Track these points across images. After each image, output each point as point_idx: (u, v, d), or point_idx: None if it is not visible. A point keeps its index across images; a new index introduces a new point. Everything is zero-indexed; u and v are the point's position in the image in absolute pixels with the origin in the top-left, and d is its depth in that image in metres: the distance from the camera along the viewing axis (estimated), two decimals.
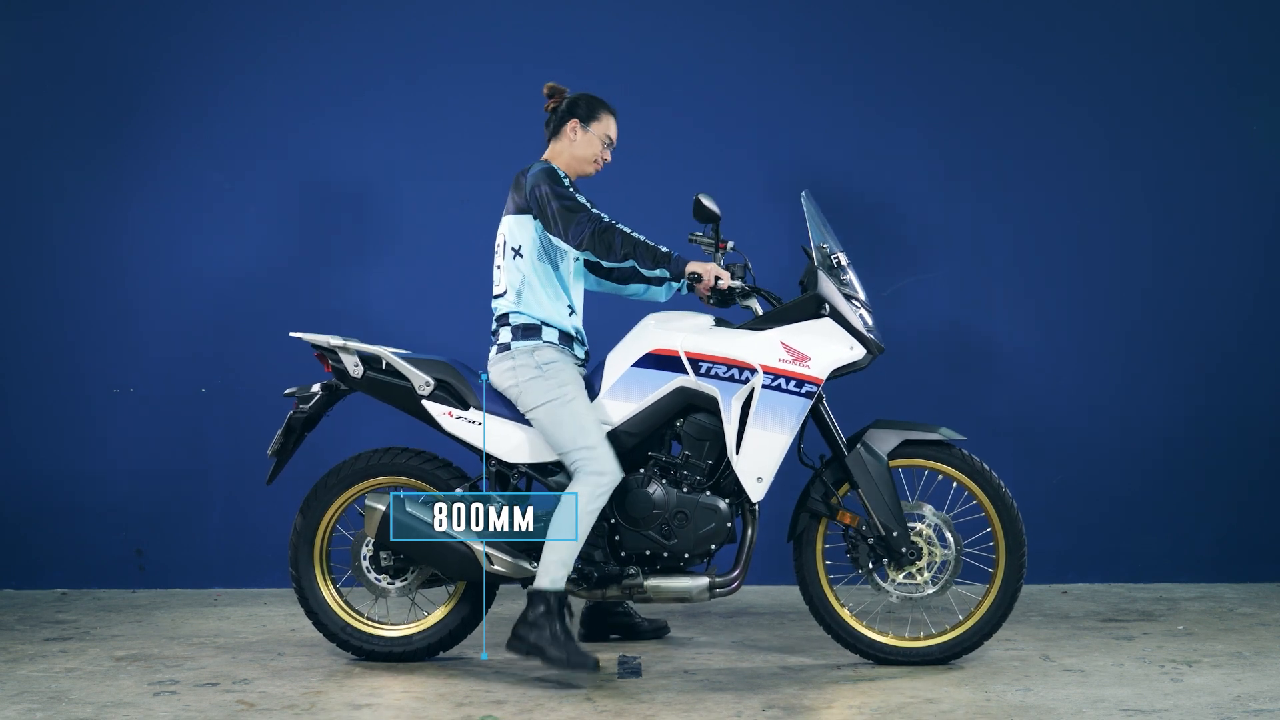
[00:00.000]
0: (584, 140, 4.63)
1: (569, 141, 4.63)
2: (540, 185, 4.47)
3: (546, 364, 4.47)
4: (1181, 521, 6.01)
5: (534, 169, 4.54)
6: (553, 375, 4.46)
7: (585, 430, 4.41)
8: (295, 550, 4.63)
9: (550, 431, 4.46)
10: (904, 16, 6.06)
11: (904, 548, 4.52)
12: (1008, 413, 5.99)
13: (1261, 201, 6.05)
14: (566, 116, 4.63)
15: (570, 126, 4.63)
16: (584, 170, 4.67)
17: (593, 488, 4.36)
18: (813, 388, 4.44)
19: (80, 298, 5.99)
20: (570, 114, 4.63)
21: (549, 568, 4.36)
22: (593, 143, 4.64)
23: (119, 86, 6.00)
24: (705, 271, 4.43)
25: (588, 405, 4.46)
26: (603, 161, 4.69)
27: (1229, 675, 4.40)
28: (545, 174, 4.50)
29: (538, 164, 4.57)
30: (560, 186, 4.47)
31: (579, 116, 4.63)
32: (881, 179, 6.03)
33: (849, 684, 4.36)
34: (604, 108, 4.67)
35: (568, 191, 4.47)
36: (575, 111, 4.64)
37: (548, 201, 4.44)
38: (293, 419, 4.64)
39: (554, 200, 4.44)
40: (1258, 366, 6.02)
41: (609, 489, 4.39)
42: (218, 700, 4.17)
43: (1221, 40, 6.05)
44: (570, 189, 4.50)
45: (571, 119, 4.63)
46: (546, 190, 4.45)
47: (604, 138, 4.65)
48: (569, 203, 4.43)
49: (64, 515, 5.96)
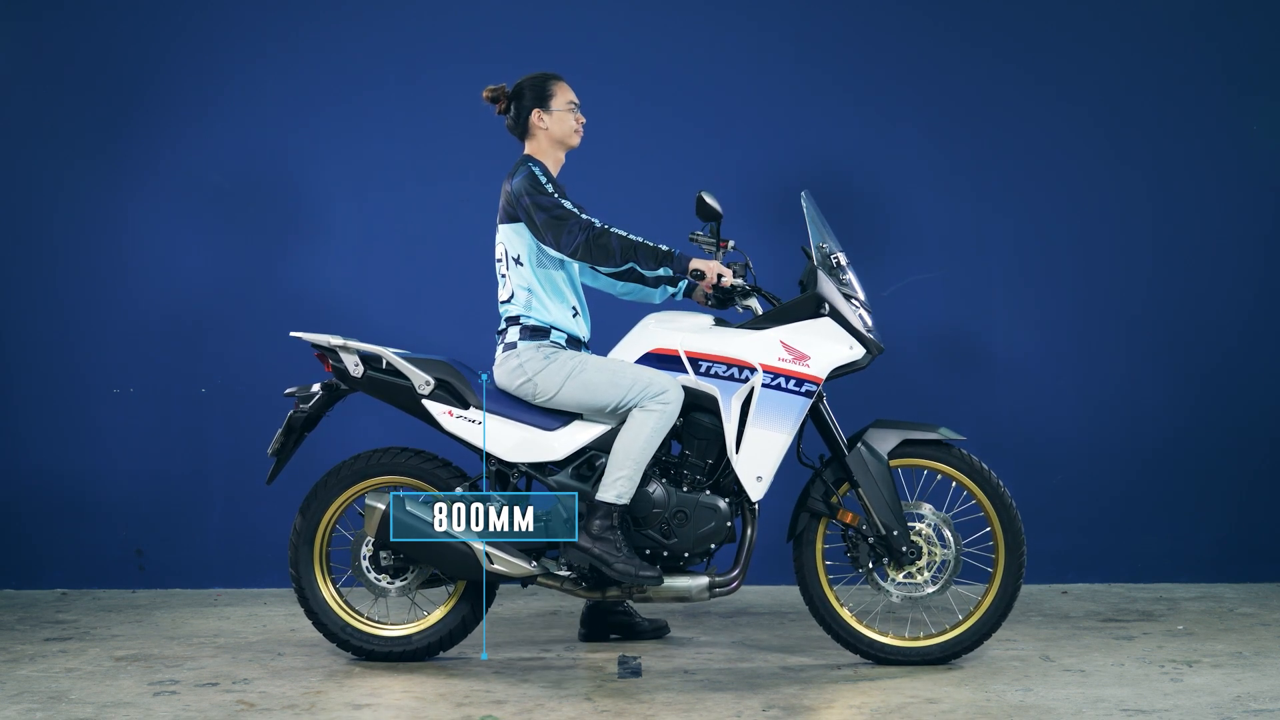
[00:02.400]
0: (554, 120, 4.59)
1: (542, 130, 4.59)
2: (524, 197, 4.45)
3: (552, 352, 4.49)
4: (1181, 521, 6.01)
5: (516, 177, 4.50)
6: (559, 358, 4.47)
7: (620, 374, 4.43)
8: (295, 550, 4.63)
9: (588, 399, 4.46)
10: (904, 16, 6.05)
11: (904, 547, 4.53)
12: (1008, 413, 5.99)
13: (1261, 201, 6.05)
14: (525, 110, 4.59)
15: (535, 118, 4.58)
16: (570, 144, 4.63)
17: (660, 411, 4.39)
18: (812, 387, 4.44)
19: (80, 298, 5.99)
20: (528, 107, 4.58)
21: (615, 482, 4.38)
22: (563, 119, 4.59)
23: (119, 86, 6.00)
24: (708, 269, 4.43)
25: (605, 359, 4.50)
26: (581, 125, 4.63)
27: (1229, 675, 4.40)
28: (528, 182, 4.46)
29: (520, 168, 4.52)
30: (544, 195, 4.43)
31: (536, 105, 4.58)
32: (881, 179, 6.03)
33: (849, 684, 4.36)
34: (549, 81, 4.61)
35: (553, 199, 4.43)
36: (527, 101, 4.58)
37: (534, 213, 4.42)
38: (293, 418, 4.64)
39: (539, 211, 4.42)
40: (1258, 366, 6.02)
41: (675, 410, 4.41)
42: (218, 700, 4.17)
43: (1221, 40, 6.05)
44: (554, 194, 4.44)
45: (532, 110, 4.58)
46: (529, 201, 4.43)
47: (568, 106, 4.60)
48: (557, 211, 4.41)
49: (64, 515, 5.96)
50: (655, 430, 4.39)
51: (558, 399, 4.48)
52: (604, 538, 4.38)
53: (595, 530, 4.38)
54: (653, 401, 4.40)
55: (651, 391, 4.41)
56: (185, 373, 5.97)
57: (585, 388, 4.45)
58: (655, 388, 4.41)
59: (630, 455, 4.38)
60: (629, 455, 4.38)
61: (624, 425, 4.42)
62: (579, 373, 4.45)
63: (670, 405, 4.41)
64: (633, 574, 4.36)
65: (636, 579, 4.36)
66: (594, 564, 4.38)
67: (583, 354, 4.53)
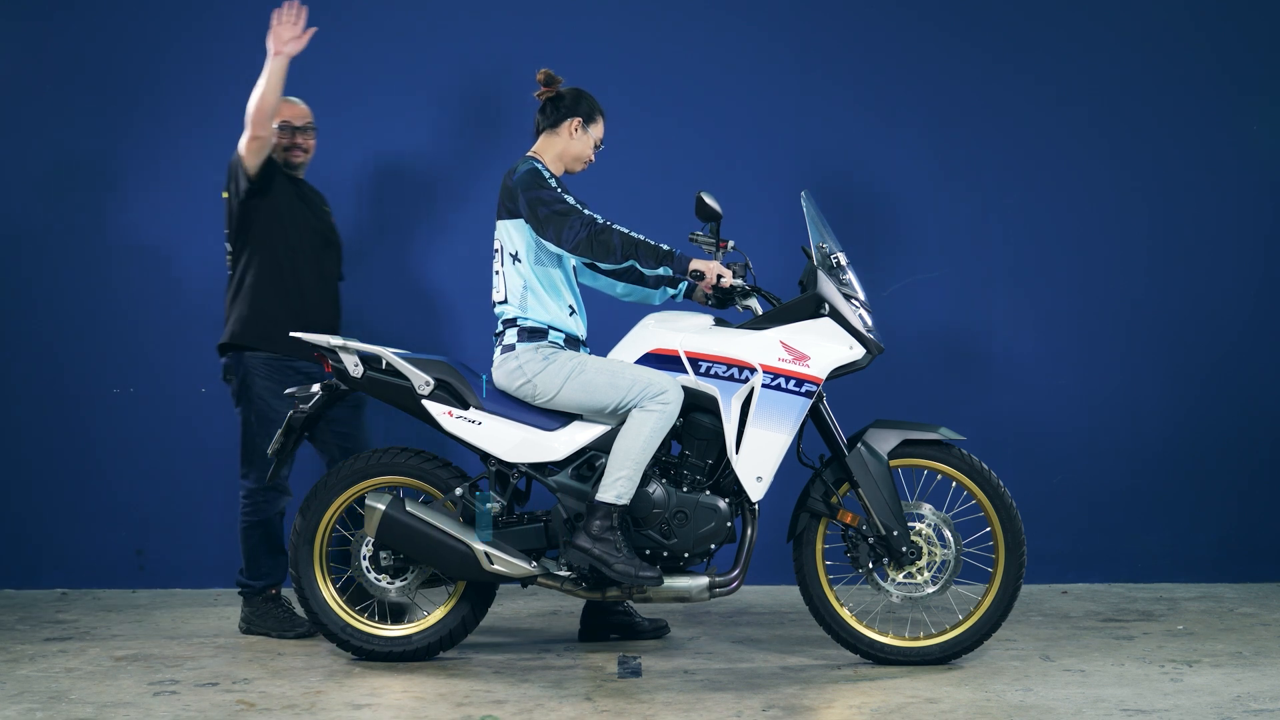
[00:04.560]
0: (581, 140, 4.63)
1: (566, 138, 4.62)
2: (528, 190, 4.46)
3: (551, 353, 4.48)
4: (1181, 521, 6.01)
5: (519, 171, 4.51)
6: (558, 359, 4.47)
7: (619, 375, 4.43)
8: (295, 550, 4.63)
9: (588, 400, 4.45)
10: (903, 18, 6.05)
11: (904, 547, 4.53)
12: (1007, 413, 5.99)
13: (1261, 201, 6.05)
14: (568, 113, 4.62)
15: (572, 125, 4.62)
16: (573, 168, 4.67)
17: (659, 411, 4.39)
18: (812, 387, 4.44)
19: (80, 298, 5.99)
20: (573, 112, 4.62)
21: (615, 482, 4.37)
22: (588, 144, 4.65)
23: (119, 87, 6.00)
24: (708, 269, 4.43)
25: (604, 359, 4.49)
26: (589, 163, 4.69)
27: (1229, 675, 4.40)
28: (531, 177, 4.47)
29: (522, 164, 4.54)
30: (547, 190, 4.45)
31: (581, 116, 4.63)
32: (881, 179, 6.03)
33: (849, 684, 4.36)
34: (600, 111, 4.67)
35: (556, 194, 4.45)
36: (578, 110, 4.63)
37: (536, 206, 4.43)
38: (293, 419, 4.64)
39: (542, 205, 4.42)
40: (1257, 366, 6.02)
41: (675, 410, 4.41)
42: (218, 700, 4.17)
43: (1221, 40, 6.05)
44: (558, 190, 4.47)
45: (574, 117, 4.62)
46: (532, 195, 4.44)
47: (597, 140, 4.67)
48: (559, 206, 4.42)
49: (64, 515, 5.96)
50: (655, 430, 4.39)
51: (557, 400, 4.48)
52: (604, 538, 4.37)
53: (595, 531, 4.38)
54: (652, 402, 4.40)
55: (651, 392, 4.40)
56: (185, 373, 5.97)
57: (585, 389, 4.45)
58: (655, 388, 4.41)
59: (630, 455, 4.38)
60: (629, 455, 4.38)
61: (624, 425, 4.42)
62: (578, 374, 4.45)
63: (670, 405, 4.40)
64: (633, 575, 4.35)
65: (636, 579, 4.36)
66: (594, 565, 4.38)
67: (582, 355, 4.53)
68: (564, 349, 4.52)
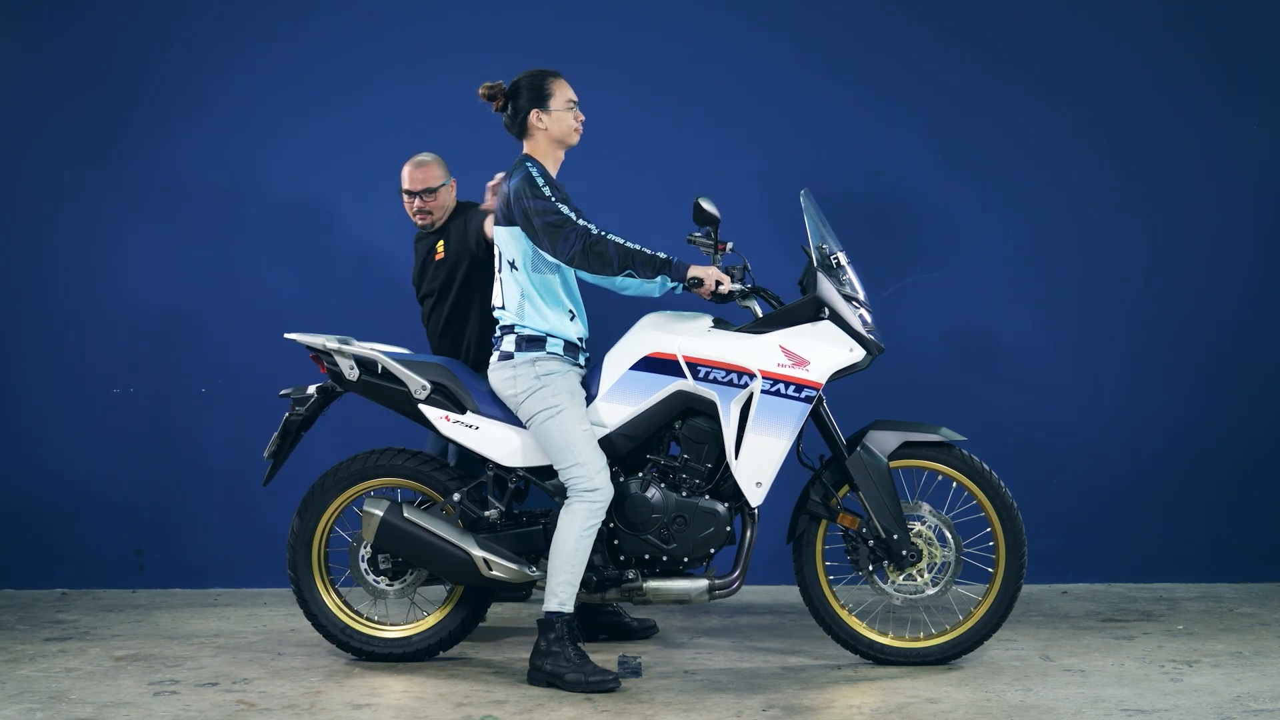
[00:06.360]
0: (553, 120, 4.48)
1: (540, 131, 4.49)
2: (520, 200, 4.37)
3: (545, 375, 4.42)
4: (1181, 521, 6.01)
5: (514, 179, 4.42)
6: (549, 385, 4.40)
7: (573, 445, 4.35)
8: (293, 552, 4.63)
9: (544, 444, 4.42)
10: (903, 18, 6.04)
11: (904, 550, 4.52)
12: (1008, 413, 5.98)
13: (1260, 201, 6.04)
14: (524, 110, 4.48)
15: (533, 118, 4.48)
16: (569, 143, 4.53)
17: (587, 507, 4.33)
18: (812, 392, 4.42)
19: (80, 298, 5.99)
20: (528, 106, 4.48)
21: (555, 591, 4.33)
22: (562, 118, 4.49)
23: (120, 87, 6.00)
24: (706, 276, 4.39)
25: (580, 417, 4.40)
26: (580, 123, 4.54)
27: (1229, 675, 4.40)
28: (525, 183, 4.38)
29: (517, 169, 4.44)
30: (540, 199, 4.35)
31: (534, 105, 4.48)
32: (881, 179, 6.02)
33: (849, 684, 4.36)
34: (547, 79, 4.50)
35: (550, 203, 4.34)
36: (530, 101, 4.48)
37: (531, 216, 4.34)
38: (288, 421, 4.63)
39: (536, 216, 4.34)
40: (1257, 366, 6.02)
41: (603, 506, 4.35)
42: (218, 700, 4.17)
43: (1221, 40, 6.05)
44: (552, 198, 4.36)
45: (530, 110, 4.48)
46: (526, 205, 4.35)
47: (567, 105, 4.50)
48: (553, 217, 4.33)
49: (64, 515, 5.96)
50: (583, 531, 4.32)
51: (528, 424, 4.45)
52: (553, 652, 4.31)
53: (543, 647, 4.32)
54: (581, 494, 4.34)
55: (582, 484, 4.33)
56: (185, 373, 5.97)
57: (544, 434, 4.39)
58: (587, 481, 4.33)
59: (564, 559, 4.32)
60: (563, 560, 4.32)
61: (556, 527, 4.37)
62: (549, 417, 4.37)
63: (596, 505, 4.33)
64: (583, 682, 4.26)
65: (587, 687, 4.25)
66: (549, 681, 4.31)
67: (567, 397, 4.40)
68: (560, 363, 4.46)
